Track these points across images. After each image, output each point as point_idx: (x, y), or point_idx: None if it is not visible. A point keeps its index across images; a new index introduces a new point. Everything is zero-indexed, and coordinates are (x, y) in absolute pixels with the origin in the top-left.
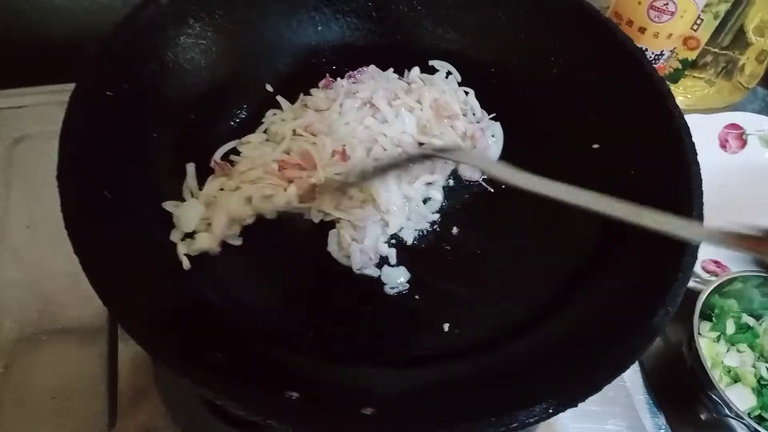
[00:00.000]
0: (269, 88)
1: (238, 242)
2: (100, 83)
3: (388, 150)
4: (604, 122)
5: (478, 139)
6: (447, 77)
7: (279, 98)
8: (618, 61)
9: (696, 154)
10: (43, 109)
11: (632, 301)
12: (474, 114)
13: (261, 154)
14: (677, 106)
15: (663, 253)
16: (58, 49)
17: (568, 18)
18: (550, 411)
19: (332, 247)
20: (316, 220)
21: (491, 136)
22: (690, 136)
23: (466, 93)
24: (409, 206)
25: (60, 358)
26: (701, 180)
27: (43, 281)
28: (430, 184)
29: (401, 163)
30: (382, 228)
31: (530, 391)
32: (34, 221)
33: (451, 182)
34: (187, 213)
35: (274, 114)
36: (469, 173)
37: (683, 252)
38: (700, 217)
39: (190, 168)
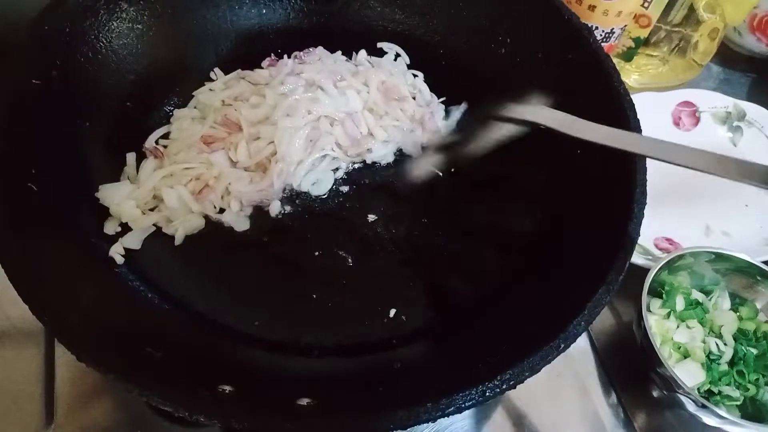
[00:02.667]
0: (211, 73)
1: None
2: (25, 71)
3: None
4: (553, 101)
5: (427, 122)
6: (396, 59)
7: (215, 70)
8: (565, 39)
9: (641, 131)
10: None
11: (573, 278)
12: (424, 97)
13: (191, 133)
14: (622, 83)
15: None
16: None
17: None
18: (487, 394)
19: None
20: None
21: (442, 119)
22: (635, 113)
23: (415, 76)
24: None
25: None
26: (645, 157)
27: None
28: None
29: None
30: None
31: (469, 375)
32: None
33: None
34: (113, 192)
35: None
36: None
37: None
38: (642, 200)
39: (130, 157)
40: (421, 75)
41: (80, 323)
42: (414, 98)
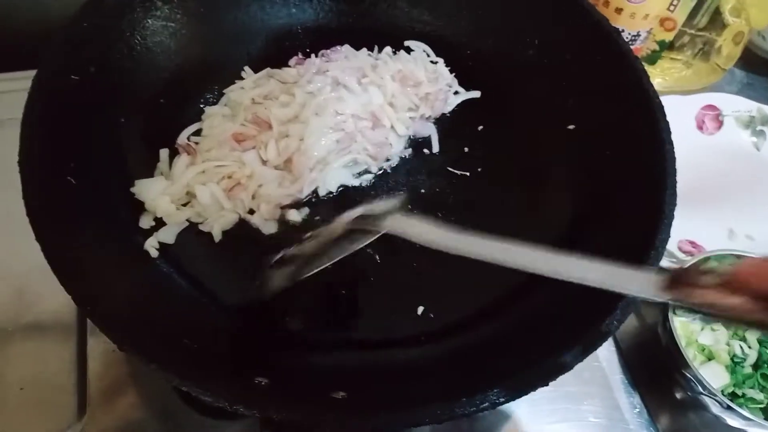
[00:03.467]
0: (242, 72)
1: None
2: (64, 67)
3: (347, 121)
4: (579, 103)
5: (434, 101)
6: None
7: (245, 68)
8: (593, 42)
9: (670, 133)
10: (15, 96)
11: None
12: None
13: (222, 130)
14: (652, 86)
15: (634, 237)
16: (29, 34)
17: None
18: (522, 390)
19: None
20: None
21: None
22: (665, 116)
23: (434, 63)
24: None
25: (30, 350)
26: (675, 159)
27: (15, 273)
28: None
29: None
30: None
31: (503, 371)
32: (5, 211)
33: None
34: (148, 187)
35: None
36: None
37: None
38: (672, 201)
39: (163, 153)
40: (441, 61)
41: (120, 313)
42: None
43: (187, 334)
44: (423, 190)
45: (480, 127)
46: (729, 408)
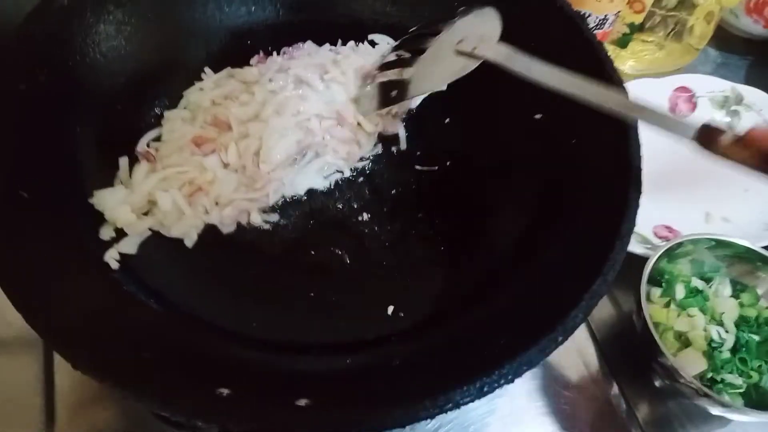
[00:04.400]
0: (202, 72)
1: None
2: (11, 77)
3: (310, 120)
4: (545, 91)
5: None
6: None
7: (206, 69)
8: (557, 27)
9: (636, 120)
10: None
11: (569, 269)
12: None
13: (182, 134)
14: (615, 71)
15: (601, 222)
16: None
17: None
18: (485, 389)
19: None
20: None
21: None
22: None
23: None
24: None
25: None
26: (640, 146)
27: None
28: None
29: None
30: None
31: (467, 370)
32: None
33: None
34: (107, 198)
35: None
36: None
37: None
38: (637, 188)
39: (123, 161)
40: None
41: (75, 330)
42: None
43: (146, 347)
44: (393, 191)
45: (446, 120)
46: (706, 395)
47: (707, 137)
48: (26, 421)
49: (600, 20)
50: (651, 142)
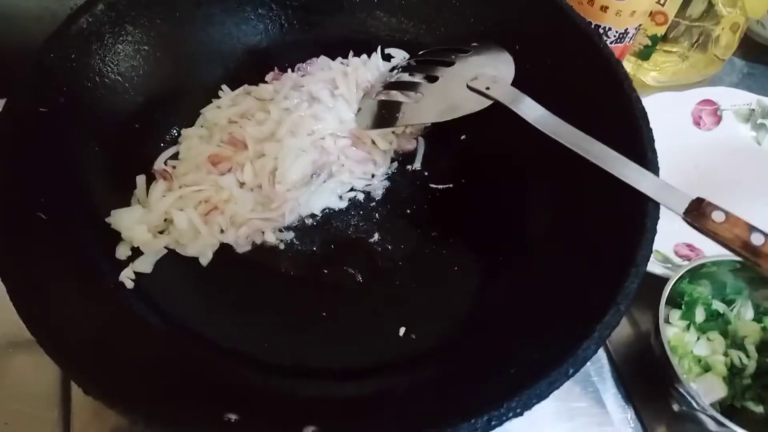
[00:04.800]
0: (219, 89)
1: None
2: (31, 101)
3: (325, 139)
4: (561, 109)
5: None
6: None
7: (223, 86)
8: (574, 45)
9: (653, 141)
10: None
11: (583, 297)
12: None
13: (199, 153)
14: (634, 90)
15: (617, 250)
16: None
17: (522, 1)
18: (493, 423)
19: None
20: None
21: None
22: (647, 121)
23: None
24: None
25: (14, 385)
26: (658, 169)
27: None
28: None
29: None
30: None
31: (476, 401)
32: None
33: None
34: (124, 217)
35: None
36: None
37: (637, 244)
38: (655, 214)
39: (140, 180)
40: None
41: (86, 355)
42: None
43: (157, 370)
44: (408, 209)
45: (462, 137)
46: (724, 425)
47: (699, 211)
48: (43, 424)
49: (620, 34)
50: (673, 156)
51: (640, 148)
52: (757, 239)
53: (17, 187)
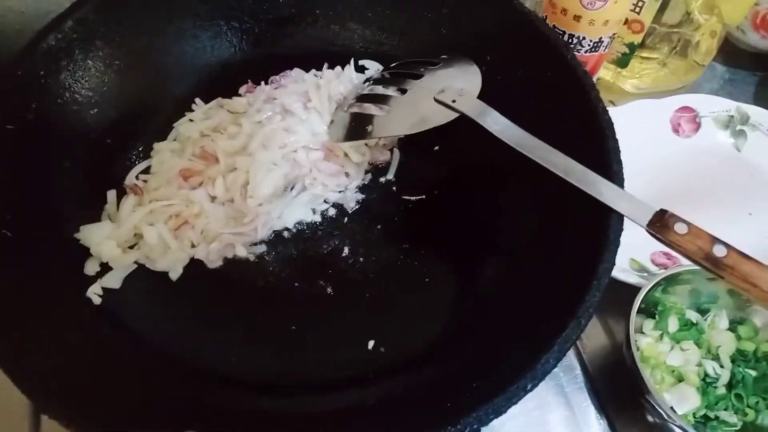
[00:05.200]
0: (193, 103)
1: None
2: None
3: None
4: (531, 120)
5: None
6: None
7: (196, 100)
8: (543, 56)
9: (619, 152)
10: None
11: (544, 310)
12: None
13: (170, 167)
14: (600, 101)
15: (579, 263)
16: None
17: (493, 13)
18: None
19: None
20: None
21: None
22: (613, 131)
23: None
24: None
25: None
26: (623, 181)
27: None
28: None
29: None
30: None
31: (436, 415)
32: None
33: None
34: (93, 233)
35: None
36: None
37: (599, 257)
38: (618, 226)
39: (111, 195)
40: None
41: (46, 374)
42: None
43: (122, 390)
44: (380, 222)
45: (435, 148)
46: None
47: (663, 225)
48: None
49: (594, 43)
50: (652, 164)
51: (605, 159)
52: (719, 251)
53: None
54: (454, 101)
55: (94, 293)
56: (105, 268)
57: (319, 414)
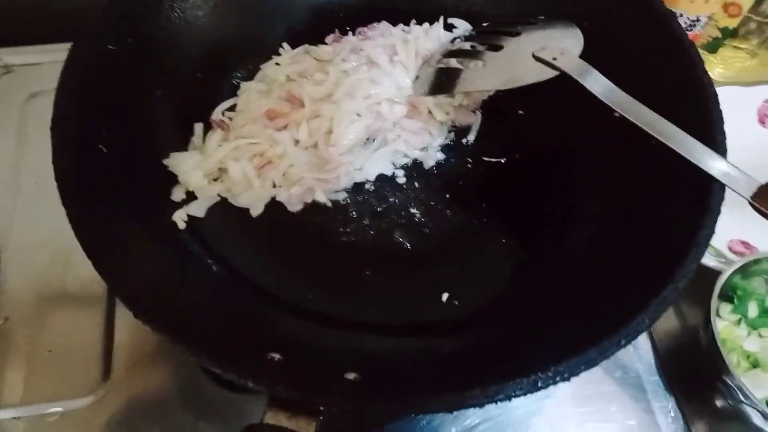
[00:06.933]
0: (280, 47)
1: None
2: (102, 37)
3: (381, 104)
4: (629, 88)
5: None
6: None
7: (284, 44)
8: (646, 24)
9: (722, 123)
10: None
11: (639, 273)
12: None
13: (256, 107)
14: (707, 74)
15: (678, 228)
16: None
17: None
18: (539, 384)
19: None
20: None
21: None
22: (718, 105)
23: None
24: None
25: (60, 315)
26: (726, 151)
27: (59, 240)
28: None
29: None
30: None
31: (523, 363)
32: (42, 178)
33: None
34: (182, 161)
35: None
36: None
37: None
38: (720, 194)
39: (198, 128)
40: None
41: (140, 284)
42: None
43: (205, 307)
44: (460, 181)
45: (520, 112)
46: None
47: (766, 196)
48: (85, 370)
49: (692, 21)
50: (734, 153)
51: (709, 130)
52: None
53: (81, 117)
54: (554, 59)
55: (179, 218)
56: (190, 196)
57: (396, 353)
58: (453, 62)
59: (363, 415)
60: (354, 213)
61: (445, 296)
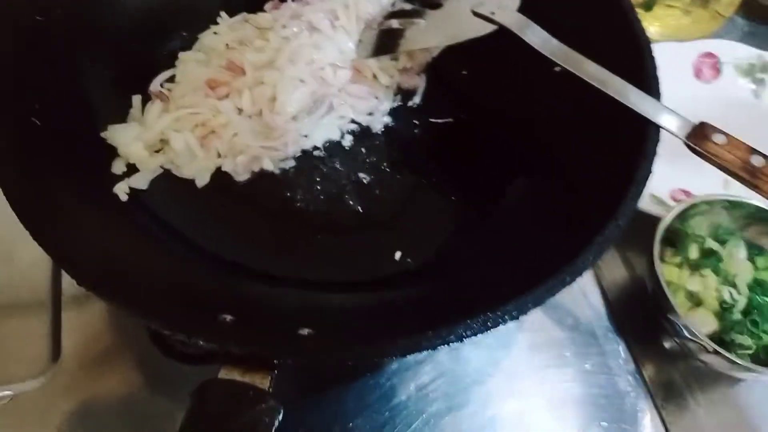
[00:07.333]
0: (218, 15)
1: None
2: (30, 8)
3: (324, 69)
4: (566, 41)
5: None
6: None
7: (222, 13)
8: None
9: (656, 69)
10: None
11: (582, 214)
12: None
13: (196, 76)
14: (640, 23)
15: (617, 169)
16: None
17: None
18: (488, 324)
19: None
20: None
21: None
22: (651, 52)
23: None
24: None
25: (7, 297)
26: (660, 94)
27: None
28: None
29: None
30: None
31: (473, 306)
32: None
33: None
34: (121, 133)
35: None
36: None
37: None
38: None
39: (136, 99)
40: None
41: (82, 252)
42: None
43: (151, 273)
44: (408, 142)
45: (463, 72)
46: (715, 352)
47: (701, 136)
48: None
49: None
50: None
51: (643, 74)
52: (757, 161)
53: (12, 91)
54: (493, 13)
55: (121, 190)
56: (133, 169)
57: (349, 308)
58: (395, 23)
59: (319, 366)
60: (303, 180)
61: (398, 255)
